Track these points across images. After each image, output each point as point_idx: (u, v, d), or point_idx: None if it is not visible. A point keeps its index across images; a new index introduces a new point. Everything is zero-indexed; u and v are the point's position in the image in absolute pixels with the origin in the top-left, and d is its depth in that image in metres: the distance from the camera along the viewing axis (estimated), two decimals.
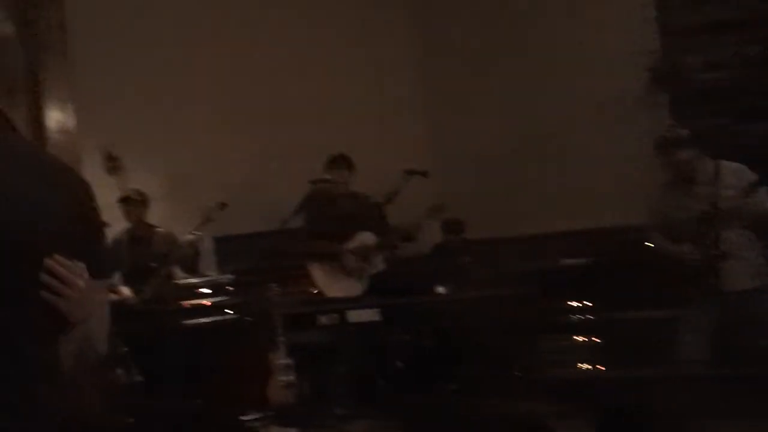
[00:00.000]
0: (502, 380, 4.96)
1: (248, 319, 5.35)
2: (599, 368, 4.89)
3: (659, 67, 5.84)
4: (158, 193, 6.00)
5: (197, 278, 5.81)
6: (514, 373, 5.08)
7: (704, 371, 4.14)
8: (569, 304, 5.22)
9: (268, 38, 7.08)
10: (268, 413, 4.69)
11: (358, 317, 4.96)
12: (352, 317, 4.97)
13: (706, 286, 4.20)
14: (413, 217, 5.83)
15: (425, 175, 5.99)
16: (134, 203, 5.61)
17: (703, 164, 4.31)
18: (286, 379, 4.48)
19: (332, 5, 7.43)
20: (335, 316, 4.92)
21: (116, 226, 5.42)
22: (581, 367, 4.95)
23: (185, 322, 5.34)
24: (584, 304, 5.18)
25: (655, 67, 5.84)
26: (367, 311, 5.02)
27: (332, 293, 5.45)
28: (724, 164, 4.31)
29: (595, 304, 5.16)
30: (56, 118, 6.13)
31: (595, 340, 5.04)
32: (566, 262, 5.74)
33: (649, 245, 4.50)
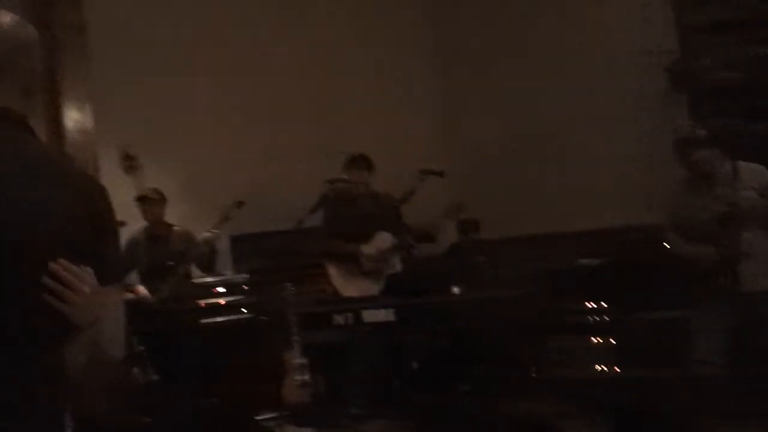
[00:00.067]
0: (516, 381, 4.95)
1: (263, 318, 5.36)
2: (613, 369, 4.87)
3: (677, 67, 5.80)
4: (176, 191, 6.04)
5: (213, 277, 5.83)
6: (528, 373, 5.06)
7: (719, 372, 4.11)
8: (584, 304, 5.20)
9: (283, 39, 7.10)
10: (282, 413, 4.70)
11: (373, 317, 4.95)
12: (367, 317, 4.96)
13: (722, 286, 4.18)
14: (427, 217, 5.82)
15: (441, 174, 5.98)
16: (152, 202, 5.63)
17: (721, 164, 4.28)
18: (301, 378, 4.48)
19: (348, 6, 7.44)
20: (350, 315, 4.91)
21: (134, 224, 5.46)
22: (595, 367, 4.93)
23: (201, 321, 5.37)
24: (599, 304, 5.16)
25: (672, 67, 5.80)
26: (382, 311, 5.02)
27: (349, 293, 5.45)
28: (742, 164, 4.27)
29: (610, 304, 5.14)
30: (74, 117, 6.18)
31: (609, 340, 5.01)
32: (581, 262, 5.72)
33: (665, 246, 4.47)
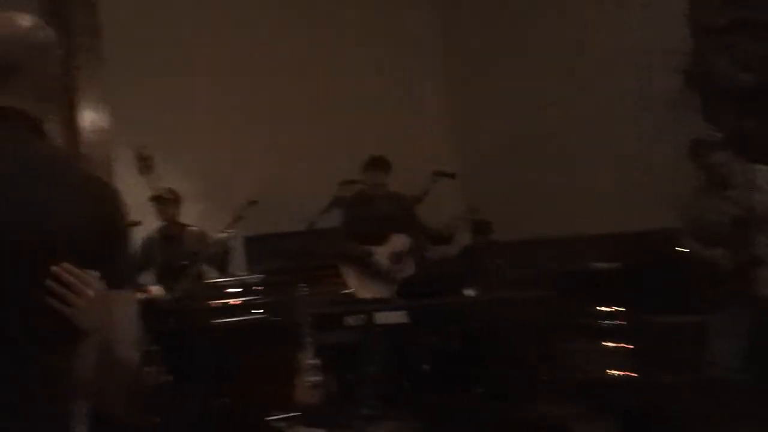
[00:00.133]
0: (528, 383, 4.93)
1: (276, 319, 5.37)
2: (627, 373, 4.84)
3: (692, 68, 5.75)
4: (190, 192, 6.06)
5: (227, 277, 5.85)
6: (540, 376, 5.04)
7: (734, 376, 4.09)
8: (598, 308, 5.17)
9: (296, 40, 7.11)
10: (294, 413, 4.71)
11: (385, 319, 4.96)
12: (379, 319, 4.96)
13: (738, 290, 4.15)
14: (441, 218, 5.81)
15: (453, 176, 5.97)
16: (166, 202, 5.65)
17: (737, 168, 4.26)
18: (313, 379, 4.49)
19: (362, 7, 7.44)
20: (363, 317, 4.92)
21: (149, 224, 5.49)
22: (608, 371, 4.91)
23: (214, 321, 5.38)
24: (614, 308, 5.13)
25: (687, 68, 5.76)
26: (394, 313, 5.02)
27: (364, 294, 5.45)
28: (758, 168, 4.25)
29: (624, 308, 5.11)
30: (90, 118, 6.22)
31: (623, 344, 4.98)
32: (596, 265, 5.68)
33: (681, 249, 4.44)
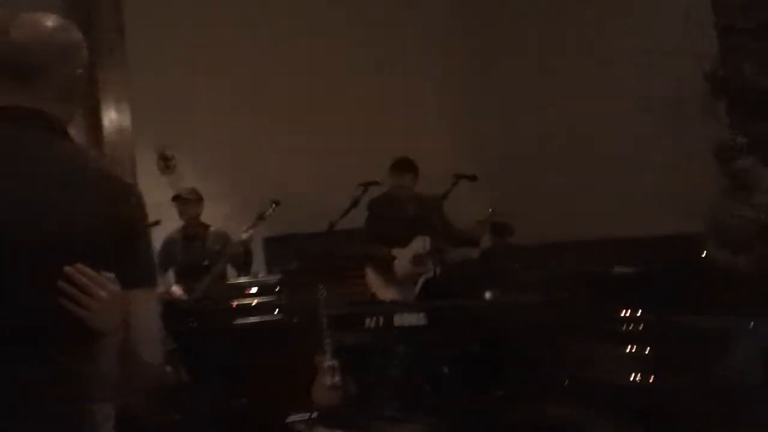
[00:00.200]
0: (548, 386, 4.90)
1: (295, 319, 5.38)
2: (647, 377, 4.80)
3: (716, 72, 5.70)
4: (212, 192, 6.09)
5: (247, 278, 5.87)
6: (560, 379, 5.01)
7: (754, 381, 4.04)
8: (619, 311, 5.13)
9: (321, 41, 7.13)
10: (313, 415, 4.71)
11: (404, 321, 4.95)
12: (398, 321, 4.96)
13: (760, 294, 4.10)
14: (462, 220, 5.80)
15: (474, 179, 5.95)
16: (188, 202, 5.69)
17: (761, 173, 4.22)
18: (331, 380, 4.49)
19: (383, 12, 7.44)
20: (382, 319, 4.91)
21: (170, 224, 5.52)
22: (628, 375, 4.87)
23: (233, 321, 5.40)
24: (634, 312, 5.08)
25: (713, 72, 5.71)
26: (414, 315, 5.01)
27: (386, 296, 5.46)
28: None
29: (646, 312, 5.06)
30: (112, 118, 6.28)
31: (643, 348, 4.94)
32: (618, 269, 5.64)
33: (704, 254, 4.40)
